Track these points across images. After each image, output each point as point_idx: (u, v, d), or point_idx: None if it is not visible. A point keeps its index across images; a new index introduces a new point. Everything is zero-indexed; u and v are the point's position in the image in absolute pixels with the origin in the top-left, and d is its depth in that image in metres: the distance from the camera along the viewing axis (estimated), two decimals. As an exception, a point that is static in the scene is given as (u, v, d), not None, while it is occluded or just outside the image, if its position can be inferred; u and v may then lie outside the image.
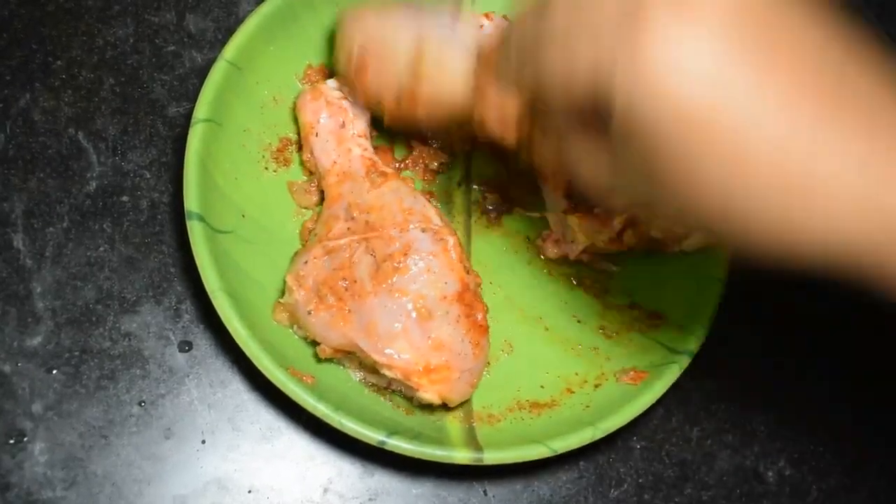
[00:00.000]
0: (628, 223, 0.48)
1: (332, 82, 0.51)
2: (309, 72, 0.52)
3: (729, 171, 0.30)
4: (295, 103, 0.51)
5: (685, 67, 0.29)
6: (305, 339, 0.47)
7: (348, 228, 0.47)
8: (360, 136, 0.50)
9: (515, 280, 0.52)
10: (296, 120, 0.51)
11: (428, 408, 0.46)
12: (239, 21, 0.51)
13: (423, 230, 0.46)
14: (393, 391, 0.47)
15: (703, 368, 0.54)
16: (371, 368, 0.46)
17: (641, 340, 0.50)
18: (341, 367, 0.47)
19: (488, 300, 0.48)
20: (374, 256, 0.46)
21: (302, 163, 0.51)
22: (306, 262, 0.46)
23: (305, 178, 0.52)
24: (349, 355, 0.46)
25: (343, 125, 0.50)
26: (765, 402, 0.54)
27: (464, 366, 0.45)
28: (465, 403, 0.47)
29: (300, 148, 0.51)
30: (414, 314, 0.44)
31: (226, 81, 0.48)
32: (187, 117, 0.49)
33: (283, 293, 0.47)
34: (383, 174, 0.49)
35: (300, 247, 0.49)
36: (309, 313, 0.45)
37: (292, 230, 0.50)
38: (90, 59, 0.54)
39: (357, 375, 0.47)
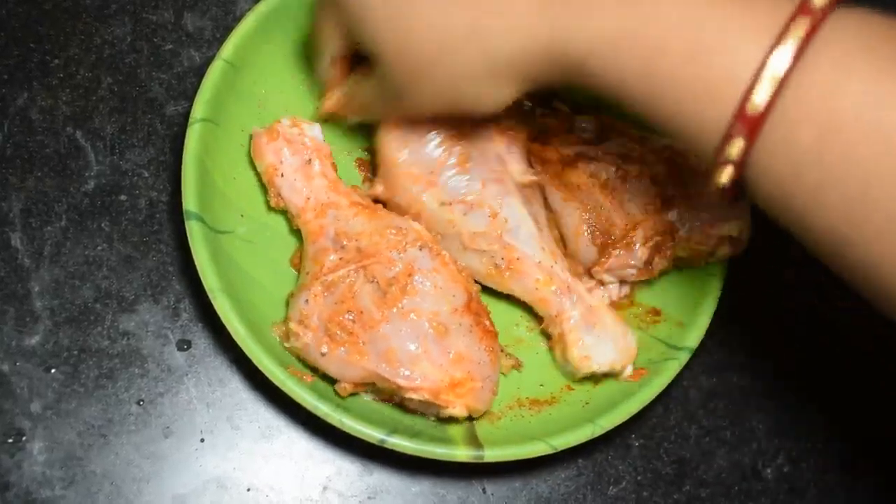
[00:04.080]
0: (654, 251, 0.48)
1: (286, 120, 0.49)
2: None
3: (425, 17, 0.39)
4: (251, 147, 0.49)
5: None
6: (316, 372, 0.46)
7: (341, 258, 0.46)
8: (327, 171, 0.49)
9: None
10: (253, 165, 0.49)
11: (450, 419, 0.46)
12: (237, 20, 0.51)
13: (421, 247, 0.46)
14: (414, 412, 0.46)
15: (702, 366, 0.54)
16: (391, 395, 0.45)
17: (640, 337, 0.50)
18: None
19: (487, 300, 0.48)
20: (377, 282, 0.45)
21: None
22: (307, 302, 0.45)
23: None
24: (368, 387, 0.45)
25: (309, 162, 0.48)
26: (763, 399, 0.54)
27: (484, 373, 0.45)
28: (478, 415, 0.46)
29: (265, 191, 0.49)
30: (431, 332, 0.44)
31: (223, 81, 0.48)
32: (186, 116, 0.49)
33: (287, 337, 0.45)
34: (369, 207, 0.47)
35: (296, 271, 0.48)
36: (323, 355, 0.44)
37: (291, 229, 0.50)
38: (88, 58, 0.54)
39: (369, 397, 0.46)
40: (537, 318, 0.50)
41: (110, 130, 0.53)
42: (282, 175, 0.48)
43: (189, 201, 0.45)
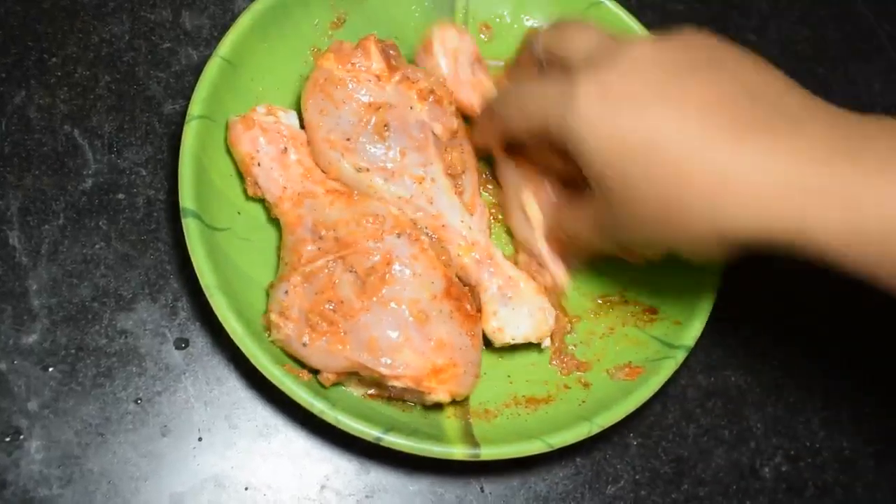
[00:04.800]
0: None
1: (261, 108, 0.49)
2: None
3: (653, 175, 0.37)
4: (227, 137, 0.49)
5: (607, 110, 0.38)
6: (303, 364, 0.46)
7: (319, 249, 0.46)
8: (303, 159, 0.48)
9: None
10: (230, 153, 0.49)
11: (433, 406, 0.46)
12: (235, 18, 0.51)
13: (398, 235, 0.46)
14: (396, 399, 0.47)
15: (699, 365, 0.54)
16: (375, 383, 0.45)
17: (637, 335, 0.50)
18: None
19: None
20: (356, 272, 0.45)
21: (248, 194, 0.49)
22: (286, 293, 0.45)
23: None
24: (351, 376, 0.46)
25: (285, 150, 0.48)
26: (761, 398, 0.54)
27: (467, 358, 0.45)
28: (461, 399, 0.47)
29: (243, 179, 0.49)
30: (411, 319, 0.44)
31: (220, 78, 0.48)
32: (183, 114, 0.49)
33: (268, 331, 0.45)
34: (345, 193, 0.47)
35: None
36: (304, 345, 0.44)
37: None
38: (86, 57, 0.54)
39: (358, 392, 0.46)
40: None
41: (108, 129, 0.53)
42: (258, 164, 0.48)
43: (186, 198, 0.45)
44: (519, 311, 0.48)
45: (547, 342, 0.49)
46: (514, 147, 0.50)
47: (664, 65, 0.38)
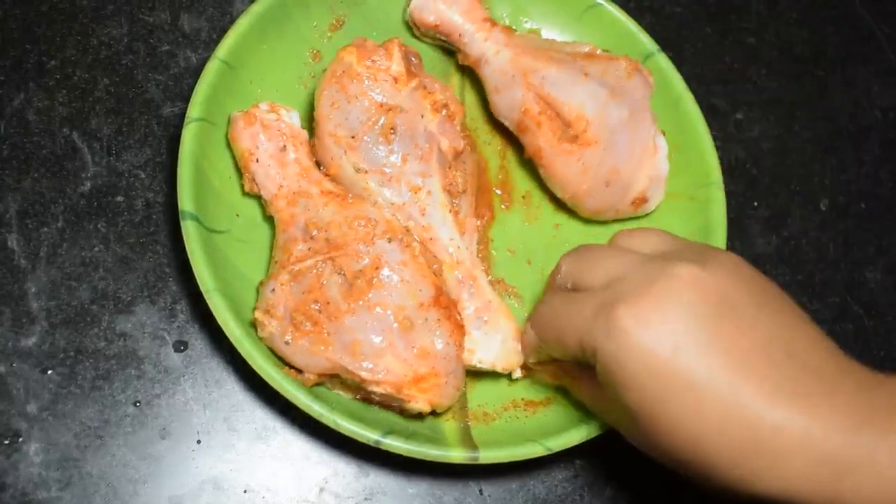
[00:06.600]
0: None
1: (263, 105, 0.49)
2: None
3: (684, 417, 0.37)
4: (228, 132, 0.49)
5: (645, 344, 0.37)
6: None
7: (309, 248, 0.46)
8: (301, 158, 0.49)
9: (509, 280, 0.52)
10: (230, 153, 0.49)
11: (416, 415, 0.46)
12: (233, 20, 0.51)
13: (390, 240, 0.46)
14: (380, 405, 0.46)
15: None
16: (356, 388, 0.45)
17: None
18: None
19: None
20: (344, 275, 0.45)
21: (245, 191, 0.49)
22: (273, 291, 0.45)
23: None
24: (333, 378, 0.45)
25: (284, 148, 0.48)
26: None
27: (449, 368, 0.44)
28: (460, 402, 0.47)
29: (241, 175, 0.49)
30: (396, 326, 0.44)
31: (219, 80, 0.48)
32: (182, 117, 0.49)
33: (254, 328, 0.45)
34: (340, 195, 0.47)
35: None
36: (287, 343, 0.44)
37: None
38: (84, 59, 0.54)
39: (345, 396, 0.46)
40: None
41: (107, 131, 0.53)
42: (257, 160, 0.48)
43: (184, 201, 0.45)
44: (492, 337, 0.47)
45: (518, 373, 0.48)
46: None
47: (705, 300, 0.38)
